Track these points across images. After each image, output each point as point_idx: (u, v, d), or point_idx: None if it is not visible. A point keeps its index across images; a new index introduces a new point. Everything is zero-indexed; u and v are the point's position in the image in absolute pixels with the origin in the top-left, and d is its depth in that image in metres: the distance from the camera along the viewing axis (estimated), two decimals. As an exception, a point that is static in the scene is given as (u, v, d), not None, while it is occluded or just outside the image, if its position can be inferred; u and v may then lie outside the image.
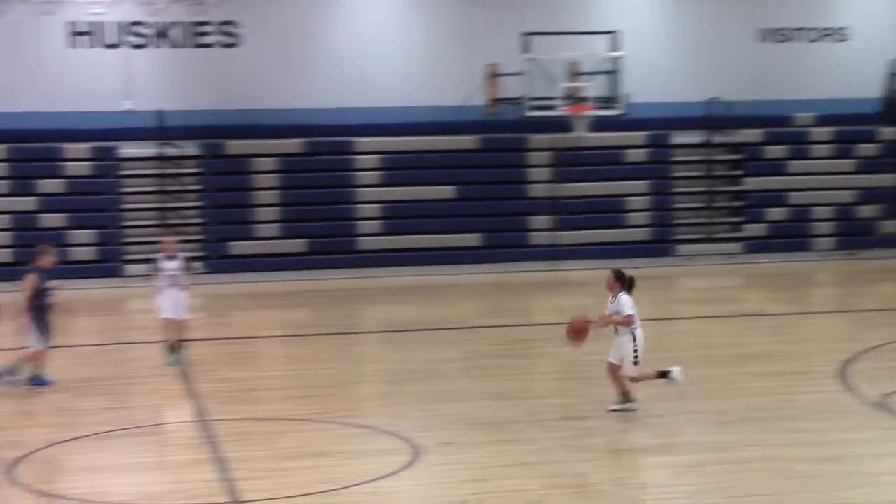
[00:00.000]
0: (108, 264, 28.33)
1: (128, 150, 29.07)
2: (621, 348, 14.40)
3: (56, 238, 27.85)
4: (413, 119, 30.12)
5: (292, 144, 29.80)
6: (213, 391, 16.41)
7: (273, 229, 29.45)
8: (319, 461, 12.80)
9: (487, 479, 12.05)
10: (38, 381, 16.63)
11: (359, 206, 29.89)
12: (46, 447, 13.54)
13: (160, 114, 28.64)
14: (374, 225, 29.87)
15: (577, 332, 14.56)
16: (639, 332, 14.34)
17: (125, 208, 28.97)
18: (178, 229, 28.69)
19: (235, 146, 29.58)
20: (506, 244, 30.19)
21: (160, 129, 28.79)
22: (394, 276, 28.81)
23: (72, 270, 27.79)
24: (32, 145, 28.49)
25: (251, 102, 29.52)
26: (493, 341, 20.50)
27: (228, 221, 29.40)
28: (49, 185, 28.45)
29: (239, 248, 29.19)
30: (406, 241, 29.73)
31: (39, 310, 16.52)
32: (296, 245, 29.36)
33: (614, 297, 14.41)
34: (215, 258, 28.93)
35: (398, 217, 29.82)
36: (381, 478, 12.08)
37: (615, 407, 14.48)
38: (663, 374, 14.63)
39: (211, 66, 29.61)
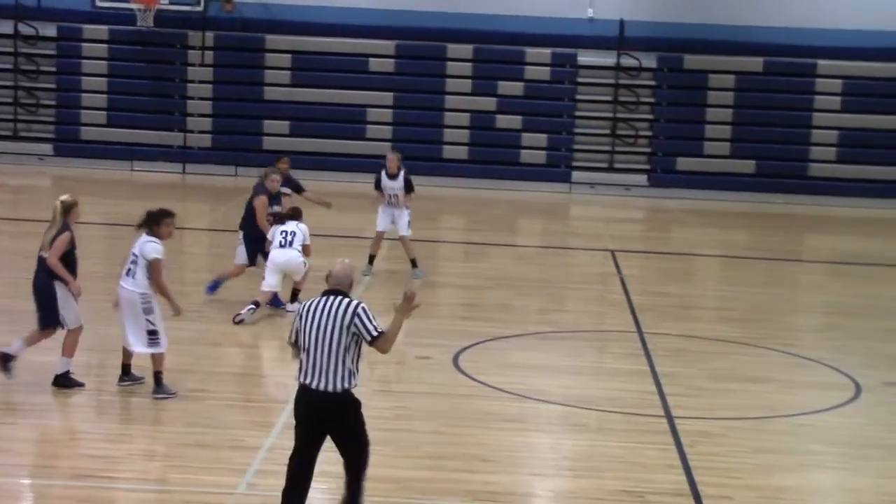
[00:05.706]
0: (555, 169, 28.86)
1: (586, 58, 29.33)
2: None
3: (510, 139, 28.84)
4: (880, 44, 28.69)
5: (751, 63, 29.10)
6: (648, 304, 16.48)
7: (722, 147, 29.00)
8: (754, 386, 12.61)
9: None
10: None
11: (815, 131, 28.91)
12: (488, 340, 14.07)
13: (621, 23, 28.70)
14: (829, 152, 28.81)
15: None
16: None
17: (578, 115, 29.35)
18: (625, 140, 28.90)
19: (692, 61, 29.22)
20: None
21: (620, 38, 28.88)
22: (844, 206, 27.79)
23: (521, 172, 28.70)
24: (495, 47, 29.27)
25: (711, 17, 28.99)
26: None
27: (678, 136, 29.21)
28: (508, 87, 29.20)
29: (686, 163, 28.97)
30: (861, 172, 28.55)
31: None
32: (744, 166, 28.83)
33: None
34: (661, 172, 28.90)
35: (856, 145, 28.64)
36: (818, 411, 11.78)
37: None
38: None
39: (674, -23, 29.32)
